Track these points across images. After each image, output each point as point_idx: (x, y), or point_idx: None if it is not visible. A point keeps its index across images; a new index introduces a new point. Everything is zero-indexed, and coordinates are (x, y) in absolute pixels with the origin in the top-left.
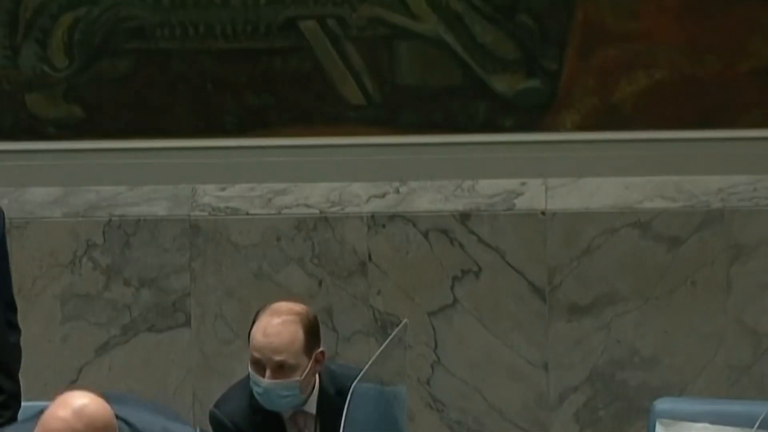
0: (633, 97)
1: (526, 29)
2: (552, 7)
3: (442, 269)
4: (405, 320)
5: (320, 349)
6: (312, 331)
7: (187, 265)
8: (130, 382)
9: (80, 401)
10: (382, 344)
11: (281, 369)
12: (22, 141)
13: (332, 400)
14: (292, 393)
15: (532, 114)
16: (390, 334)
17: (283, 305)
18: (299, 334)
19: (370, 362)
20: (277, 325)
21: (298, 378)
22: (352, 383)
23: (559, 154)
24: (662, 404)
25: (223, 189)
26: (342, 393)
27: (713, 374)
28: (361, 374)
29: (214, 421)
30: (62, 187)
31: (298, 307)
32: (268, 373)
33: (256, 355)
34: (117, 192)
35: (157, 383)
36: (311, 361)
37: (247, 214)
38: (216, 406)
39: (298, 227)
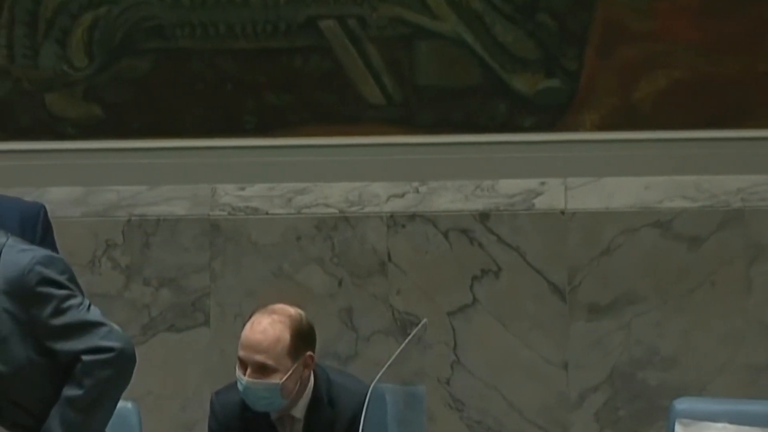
0: (652, 96)
1: (545, 29)
2: (572, 7)
3: (462, 269)
4: (424, 320)
5: (309, 353)
6: (301, 335)
7: (207, 265)
8: (150, 381)
9: None
10: (401, 344)
11: (262, 369)
12: (41, 141)
13: (323, 409)
14: (271, 395)
15: (551, 114)
16: (409, 334)
17: (278, 307)
18: (285, 336)
19: (389, 362)
20: (265, 324)
21: (278, 381)
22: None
23: (579, 154)
24: (682, 404)
25: (243, 188)
26: (334, 404)
27: (733, 374)
28: (380, 374)
29: (210, 406)
30: (82, 187)
31: (292, 310)
32: (248, 371)
33: (240, 353)
34: (136, 191)
35: (177, 383)
36: (297, 365)
37: (267, 213)
38: (217, 392)
39: (318, 227)
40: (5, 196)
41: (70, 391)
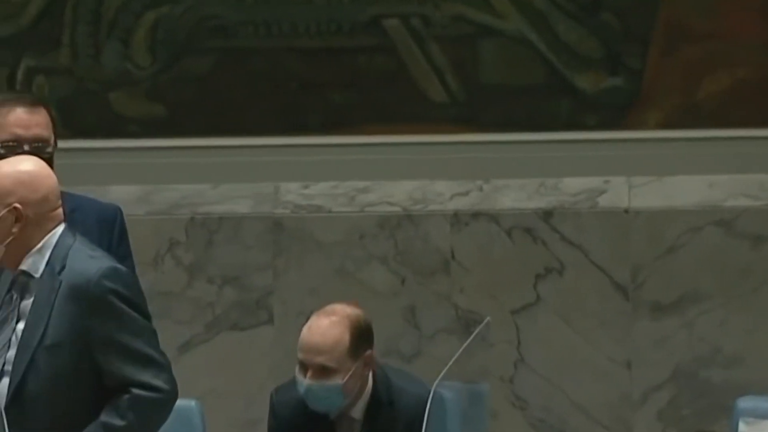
0: (716, 95)
1: (609, 27)
2: (635, 6)
3: (525, 267)
4: (487, 318)
5: (369, 351)
6: (360, 334)
7: (270, 263)
8: (213, 380)
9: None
10: (464, 342)
11: (323, 371)
12: (105, 139)
13: (383, 409)
14: (333, 395)
15: (615, 112)
16: (473, 332)
17: (336, 307)
18: (344, 337)
19: (452, 360)
20: (324, 326)
21: (339, 381)
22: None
23: (643, 152)
24: (745, 402)
25: (306, 187)
26: (394, 404)
27: None
28: (443, 372)
29: (270, 403)
30: (145, 185)
31: (349, 309)
32: (309, 373)
33: (300, 356)
34: (200, 190)
35: (240, 381)
36: (358, 364)
37: (330, 211)
38: (277, 389)
39: (382, 225)
40: (82, 196)
41: (110, 418)
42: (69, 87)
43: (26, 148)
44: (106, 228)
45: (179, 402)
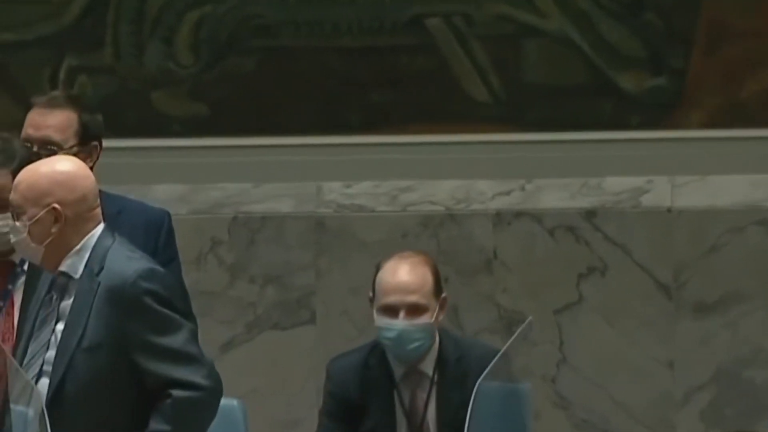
0: (759, 94)
1: (652, 27)
2: (678, 5)
3: (568, 267)
4: (530, 318)
5: (444, 294)
6: (438, 274)
7: (312, 263)
8: (255, 379)
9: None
10: (507, 342)
11: (415, 310)
12: (147, 138)
13: (451, 366)
14: (425, 335)
15: (658, 112)
16: (515, 332)
17: (406, 252)
18: (428, 276)
19: (495, 359)
20: (408, 266)
21: (430, 319)
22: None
23: (686, 152)
24: None
25: (349, 186)
26: (462, 360)
27: None
28: (486, 371)
29: (327, 372)
30: (187, 184)
31: (420, 252)
32: (401, 314)
33: (388, 300)
34: (242, 189)
35: (282, 381)
36: (438, 306)
37: (373, 211)
38: (333, 359)
39: (424, 224)
40: (131, 199)
41: (157, 425)
42: (112, 86)
43: (35, 149)
44: (152, 231)
45: (222, 401)
